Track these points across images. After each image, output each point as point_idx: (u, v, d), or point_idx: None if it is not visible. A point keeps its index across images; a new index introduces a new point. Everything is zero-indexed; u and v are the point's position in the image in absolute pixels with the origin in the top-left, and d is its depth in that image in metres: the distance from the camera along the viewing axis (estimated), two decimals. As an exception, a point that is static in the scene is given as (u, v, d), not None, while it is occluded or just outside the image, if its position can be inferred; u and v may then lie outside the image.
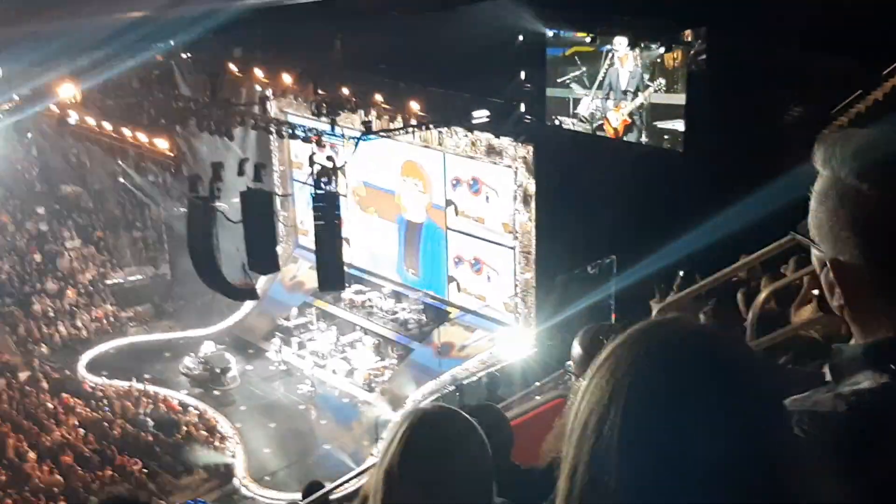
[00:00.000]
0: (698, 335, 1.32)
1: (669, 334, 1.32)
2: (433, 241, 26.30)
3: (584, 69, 19.75)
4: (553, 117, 20.55)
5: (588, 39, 19.52)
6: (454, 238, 25.54)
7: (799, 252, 6.09)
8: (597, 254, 18.05)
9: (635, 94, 18.94)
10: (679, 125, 18.45)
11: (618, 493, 1.23)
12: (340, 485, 11.46)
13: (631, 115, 19.18)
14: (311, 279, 25.71)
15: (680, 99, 18.31)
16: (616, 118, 19.45)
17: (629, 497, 1.22)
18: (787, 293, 5.24)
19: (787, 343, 4.37)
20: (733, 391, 1.24)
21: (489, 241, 24.51)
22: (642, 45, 18.61)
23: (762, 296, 5.11)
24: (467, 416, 2.31)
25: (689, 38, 17.90)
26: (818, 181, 1.58)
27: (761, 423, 1.23)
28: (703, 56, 17.75)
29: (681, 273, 9.79)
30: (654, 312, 6.13)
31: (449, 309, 25.82)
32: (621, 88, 19.18)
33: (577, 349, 4.40)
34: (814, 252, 1.62)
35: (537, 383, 16.17)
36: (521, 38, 20.45)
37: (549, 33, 20.15)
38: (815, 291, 4.53)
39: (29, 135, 24.29)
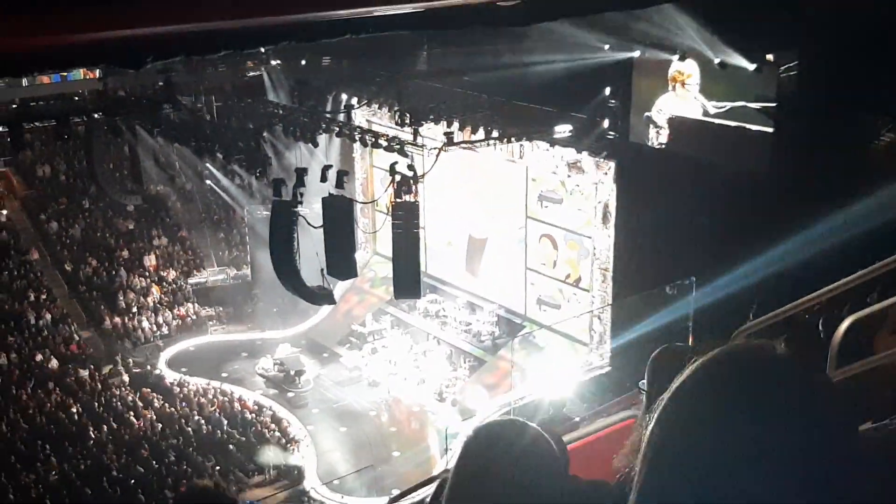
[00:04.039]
0: (778, 362, 1.34)
1: (750, 360, 1.34)
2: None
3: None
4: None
5: (676, 57, 19.35)
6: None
7: (886, 280, 5.95)
8: (675, 274, 17.78)
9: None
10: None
11: None
12: (409, 492, 11.53)
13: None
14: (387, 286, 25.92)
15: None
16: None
17: None
18: (871, 323, 5.11)
19: (869, 373, 4.29)
20: (810, 417, 1.25)
21: (566, 257, 24.38)
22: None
23: (845, 324, 5.00)
24: (536, 427, 2.31)
25: (779, 59, 17.60)
26: None
27: (836, 451, 1.25)
28: (794, 77, 17.44)
29: (754, 306, 9.60)
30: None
31: (523, 322, 25.73)
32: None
33: (651, 369, 4.38)
34: None
35: (609, 403, 15.99)
36: (607, 47, 20.27)
37: (637, 52, 20.03)
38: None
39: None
